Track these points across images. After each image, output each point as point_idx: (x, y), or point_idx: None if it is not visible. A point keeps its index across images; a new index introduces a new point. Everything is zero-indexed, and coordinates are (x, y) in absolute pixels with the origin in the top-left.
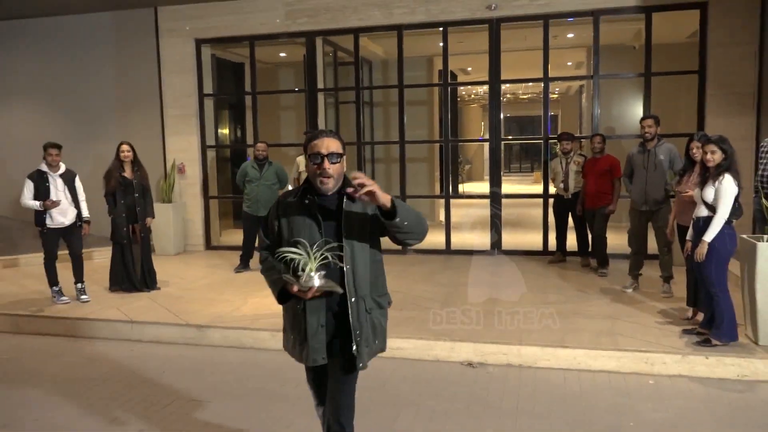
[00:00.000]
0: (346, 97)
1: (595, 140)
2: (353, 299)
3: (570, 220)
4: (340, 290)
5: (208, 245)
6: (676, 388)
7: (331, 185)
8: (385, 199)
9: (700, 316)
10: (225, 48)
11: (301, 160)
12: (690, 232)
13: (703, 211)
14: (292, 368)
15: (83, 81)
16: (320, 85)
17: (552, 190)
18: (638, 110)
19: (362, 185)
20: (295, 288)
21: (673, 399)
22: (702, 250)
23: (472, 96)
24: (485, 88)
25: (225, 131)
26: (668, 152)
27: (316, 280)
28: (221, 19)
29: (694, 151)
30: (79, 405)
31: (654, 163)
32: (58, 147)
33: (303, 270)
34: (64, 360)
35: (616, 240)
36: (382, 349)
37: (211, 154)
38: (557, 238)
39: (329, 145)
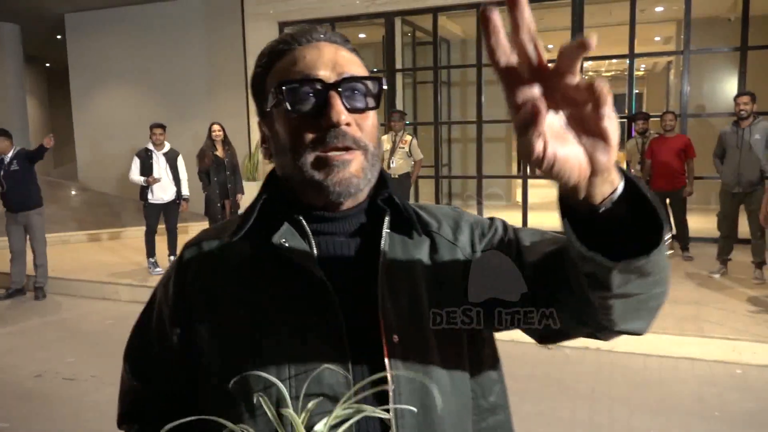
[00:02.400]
0: (424, 76)
1: (667, 117)
2: None
3: None
4: None
5: None
6: (767, 379)
7: (354, 175)
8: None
9: None
10: None
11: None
12: None
13: None
14: None
15: (175, 64)
16: (398, 65)
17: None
18: (732, 87)
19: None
20: None
21: (763, 390)
22: None
23: None
24: None
25: None
26: (765, 131)
27: None
28: (303, 2)
29: None
30: None
31: (749, 143)
32: (162, 127)
33: None
34: None
35: (705, 223)
36: None
37: None
38: None
39: (337, 58)
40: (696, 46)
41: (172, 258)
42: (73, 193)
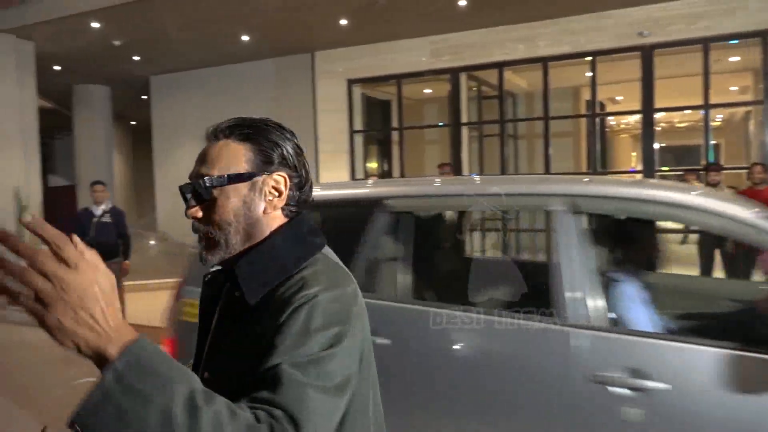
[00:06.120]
0: (491, 130)
1: (756, 170)
2: None
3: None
4: None
5: None
6: None
7: (204, 256)
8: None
9: None
10: (374, 87)
11: None
12: None
13: None
14: None
15: None
16: (464, 119)
17: None
18: None
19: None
20: None
21: None
22: None
23: (621, 126)
24: (637, 117)
25: (373, 165)
26: None
27: None
28: (371, 60)
29: None
30: None
31: None
32: None
33: None
34: None
35: None
36: None
37: None
38: None
39: (205, 156)
40: None
41: None
42: (152, 243)
